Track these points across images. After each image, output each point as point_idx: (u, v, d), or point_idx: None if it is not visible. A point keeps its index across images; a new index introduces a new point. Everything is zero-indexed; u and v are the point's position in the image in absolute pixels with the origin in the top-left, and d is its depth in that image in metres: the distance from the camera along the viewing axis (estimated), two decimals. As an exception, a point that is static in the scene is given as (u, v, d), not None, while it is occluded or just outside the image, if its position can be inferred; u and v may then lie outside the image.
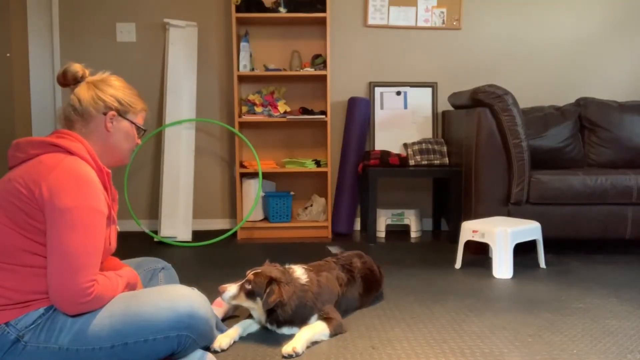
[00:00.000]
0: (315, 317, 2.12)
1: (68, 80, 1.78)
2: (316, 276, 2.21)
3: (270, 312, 2.06)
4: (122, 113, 1.79)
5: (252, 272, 2.10)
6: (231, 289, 2.07)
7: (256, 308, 2.08)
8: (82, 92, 1.76)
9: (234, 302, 2.10)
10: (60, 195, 1.56)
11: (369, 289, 2.48)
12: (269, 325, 2.11)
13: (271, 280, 2.04)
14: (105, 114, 1.76)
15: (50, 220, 1.56)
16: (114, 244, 1.80)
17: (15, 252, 1.58)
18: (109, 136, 1.78)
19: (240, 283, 2.08)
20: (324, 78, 4.09)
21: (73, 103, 1.76)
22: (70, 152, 1.65)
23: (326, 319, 2.12)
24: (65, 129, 1.76)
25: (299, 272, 2.18)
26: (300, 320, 2.09)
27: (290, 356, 1.92)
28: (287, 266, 2.21)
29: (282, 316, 2.05)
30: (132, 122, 1.82)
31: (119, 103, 1.78)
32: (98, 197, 1.63)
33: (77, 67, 1.78)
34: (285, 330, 2.10)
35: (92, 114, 1.76)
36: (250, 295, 2.06)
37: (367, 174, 3.84)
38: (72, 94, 1.77)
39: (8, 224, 1.58)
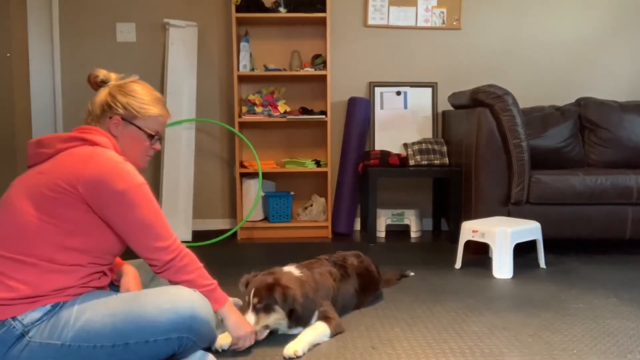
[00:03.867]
0: (316, 314, 2.12)
1: (92, 84, 1.87)
2: (309, 272, 2.20)
3: (291, 313, 2.03)
4: (128, 119, 1.82)
5: (252, 293, 2.02)
6: (249, 318, 1.98)
7: (281, 318, 2.04)
8: (98, 96, 1.84)
9: (260, 327, 2.01)
10: (108, 183, 1.64)
11: (365, 287, 2.47)
12: (292, 328, 2.08)
13: (271, 285, 2.02)
14: (111, 118, 1.81)
15: (111, 208, 1.65)
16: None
17: (45, 245, 1.61)
18: (116, 141, 1.81)
19: (250, 310, 2.01)
20: (324, 78, 4.09)
21: (88, 106, 1.85)
22: (97, 145, 1.72)
23: (326, 318, 2.12)
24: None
25: (288, 268, 2.17)
26: (307, 315, 2.08)
27: (292, 358, 1.92)
28: (274, 268, 2.19)
29: (300, 310, 2.02)
30: (139, 128, 1.83)
31: (124, 109, 1.81)
32: (137, 173, 1.72)
33: (98, 72, 1.86)
34: (294, 330, 2.09)
35: (101, 117, 1.82)
36: (268, 309, 2.01)
37: (367, 174, 3.84)
38: (92, 97, 1.86)
39: (38, 216, 1.62)
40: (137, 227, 1.68)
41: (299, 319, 2.06)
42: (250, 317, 1.99)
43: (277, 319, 2.05)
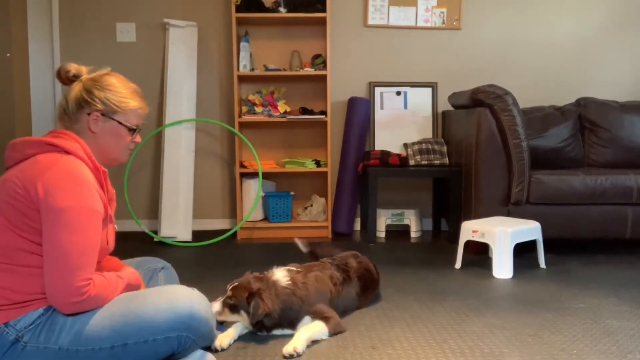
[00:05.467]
0: (307, 318, 2.11)
1: (63, 79, 1.77)
2: (303, 278, 2.19)
3: (257, 322, 2.06)
4: (108, 114, 1.74)
5: (231, 287, 2.09)
6: (215, 306, 2.06)
7: (242, 320, 2.09)
8: (72, 91, 1.75)
9: (220, 319, 2.09)
10: (55, 195, 1.55)
11: (366, 288, 2.47)
12: (258, 333, 2.11)
13: (252, 294, 2.03)
14: (89, 114, 1.73)
15: (45, 220, 1.55)
16: (112, 244, 1.79)
17: (12, 252, 1.58)
18: (95, 137, 1.74)
19: (222, 299, 2.08)
20: (324, 78, 4.09)
21: (62, 102, 1.76)
22: (66, 152, 1.65)
23: (324, 318, 2.11)
24: (62, 127, 1.76)
25: (279, 274, 2.16)
26: (287, 322, 2.09)
27: (292, 356, 1.92)
28: (266, 272, 2.19)
29: (268, 323, 2.06)
30: (120, 123, 1.76)
31: (103, 104, 1.72)
32: (93, 196, 1.62)
33: (69, 66, 1.76)
34: (276, 332, 2.10)
35: (78, 114, 1.74)
36: (234, 309, 2.06)
37: (367, 174, 3.84)
38: (65, 93, 1.77)
39: (4, 224, 1.58)
40: (54, 251, 1.54)
41: (269, 328, 2.09)
42: (217, 304, 2.07)
43: (240, 319, 2.09)
